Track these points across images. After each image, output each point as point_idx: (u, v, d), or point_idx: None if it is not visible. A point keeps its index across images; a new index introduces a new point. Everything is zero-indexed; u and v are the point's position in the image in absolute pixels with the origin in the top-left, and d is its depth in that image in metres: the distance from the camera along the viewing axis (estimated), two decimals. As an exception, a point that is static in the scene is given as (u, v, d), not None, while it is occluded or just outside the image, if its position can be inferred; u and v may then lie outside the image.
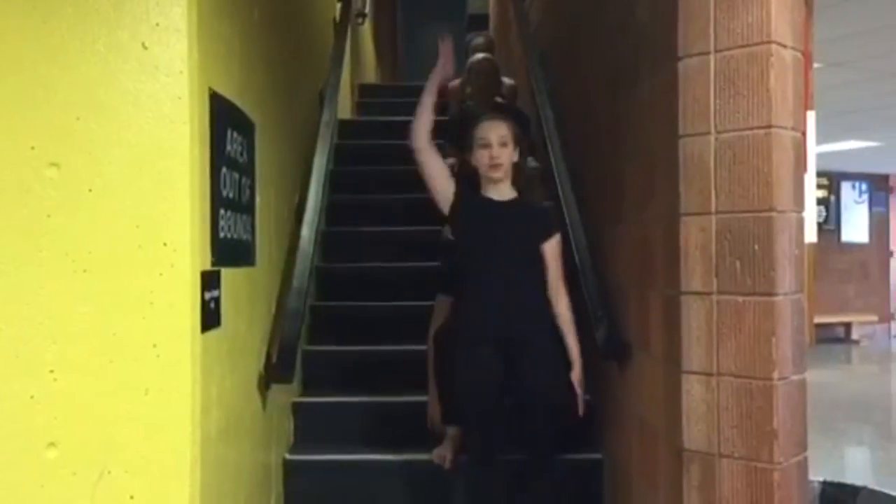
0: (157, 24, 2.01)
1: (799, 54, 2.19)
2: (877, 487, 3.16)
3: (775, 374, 2.05)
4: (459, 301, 2.89)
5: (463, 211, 2.82)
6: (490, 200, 2.82)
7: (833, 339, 12.69)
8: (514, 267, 2.75)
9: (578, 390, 2.78)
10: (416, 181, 4.31)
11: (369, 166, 5.37)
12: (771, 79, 2.08)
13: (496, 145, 2.75)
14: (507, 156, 2.77)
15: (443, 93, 3.02)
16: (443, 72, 2.98)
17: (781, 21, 2.10)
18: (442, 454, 3.26)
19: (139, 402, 2.00)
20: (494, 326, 2.74)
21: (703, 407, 2.16)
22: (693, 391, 2.18)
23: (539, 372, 2.73)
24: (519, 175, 2.90)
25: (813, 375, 2.34)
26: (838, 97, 7.88)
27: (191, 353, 2.02)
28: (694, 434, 2.18)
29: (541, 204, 3.13)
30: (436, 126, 2.93)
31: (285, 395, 3.36)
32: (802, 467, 2.16)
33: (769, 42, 2.08)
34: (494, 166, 2.75)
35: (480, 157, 2.77)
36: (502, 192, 2.82)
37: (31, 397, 1.97)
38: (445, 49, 2.96)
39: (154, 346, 2.00)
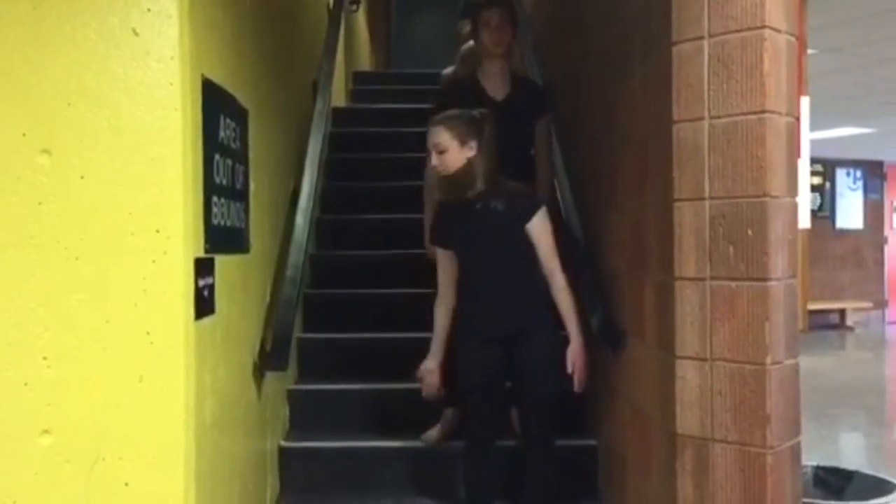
0: (149, 10, 2.00)
1: (793, 39, 2.19)
2: (870, 472, 3.17)
3: (768, 359, 2.06)
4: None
5: (444, 225, 2.83)
6: (465, 202, 2.76)
7: (828, 325, 12.74)
8: (503, 262, 2.73)
9: (571, 367, 2.72)
10: (411, 168, 4.31)
11: (364, 153, 5.37)
12: (765, 64, 2.08)
13: (434, 154, 2.74)
14: (451, 161, 2.71)
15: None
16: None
17: (775, 6, 2.10)
18: (431, 436, 3.29)
19: (133, 390, 2.00)
20: (493, 328, 2.73)
21: (697, 392, 2.17)
22: (687, 376, 2.19)
23: (539, 363, 2.73)
24: (488, 162, 2.83)
25: (807, 362, 2.34)
26: (833, 83, 7.88)
27: (184, 340, 2.02)
28: (687, 419, 2.19)
29: (519, 185, 2.94)
30: None
31: (280, 382, 3.36)
32: (795, 452, 2.17)
33: (763, 27, 2.07)
34: (438, 173, 2.77)
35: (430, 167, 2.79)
36: (474, 187, 2.76)
37: (25, 384, 1.97)
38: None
39: (147, 333, 2.00)
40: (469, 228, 2.75)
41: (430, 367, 2.84)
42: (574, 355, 2.74)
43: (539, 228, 2.74)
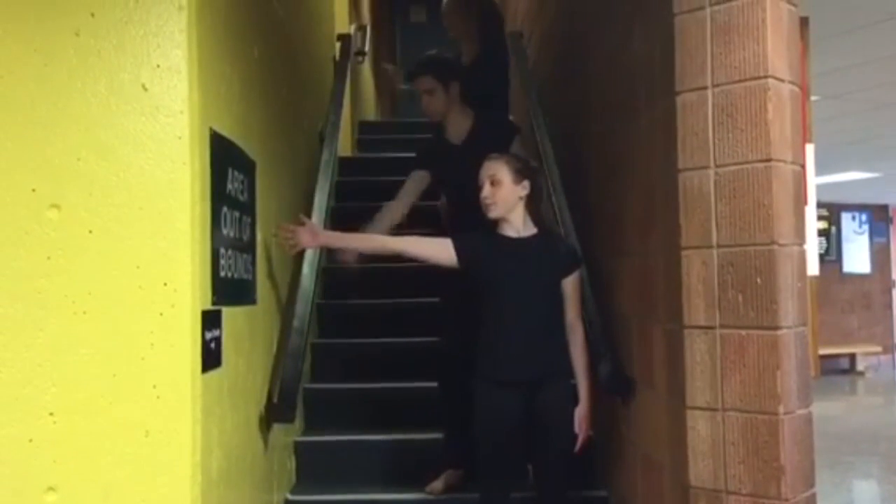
0: (158, 66, 2.03)
1: (796, 88, 2.20)
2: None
3: (781, 409, 2.03)
4: (479, 338, 2.84)
5: (476, 253, 2.77)
6: (506, 238, 2.78)
7: (838, 370, 12.63)
8: (534, 306, 2.72)
9: (577, 428, 2.75)
10: (418, 217, 4.30)
11: (370, 202, 5.37)
12: (769, 112, 2.09)
13: (486, 184, 2.75)
14: (502, 194, 2.74)
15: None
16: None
17: (778, 56, 2.12)
18: (435, 487, 3.26)
19: (139, 444, 1.98)
20: (516, 370, 2.70)
21: (709, 443, 2.14)
22: (698, 427, 2.16)
23: (556, 411, 2.71)
24: (539, 208, 2.87)
25: (818, 407, 2.32)
26: (837, 129, 7.93)
27: (191, 394, 2.01)
28: (700, 470, 2.16)
29: (563, 238, 3.12)
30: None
31: (287, 433, 3.33)
32: (811, 503, 2.13)
33: (766, 76, 2.09)
34: (486, 206, 2.76)
35: (481, 199, 2.78)
36: (517, 228, 2.78)
37: (31, 441, 1.95)
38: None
39: (154, 387, 1.99)
40: (509, 265, 2.74)
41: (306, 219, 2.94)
42: (581, 417, 2.76)
43: (574, 285, 2.81)
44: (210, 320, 2.15)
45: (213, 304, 2.19)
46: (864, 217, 14.02)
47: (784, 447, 2.02)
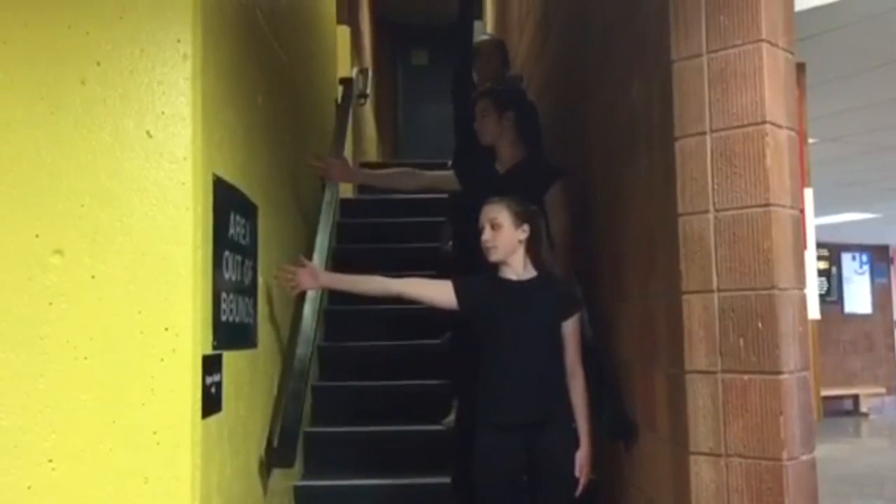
0: (163, 113, 2.05)
1: (794, 133, 2.22)
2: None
3: (784, 455, 2.02)
4: (478, 382, 2.83)
5: (476, 296, 2.78)
6: (507, 281, 2.79)
7: (842, 411, 12.54)
8: (534, 350, 2.71)
9: (578, 471, 2.72)
10: (418, 257, 4.32)
11: (371, 244, 5.40)
12: (767, 158, 2.11)
13: (487, 228, 2.77)
14: (502, 238, 2.75)
15: None
16: None
17: (775, 102, 2.14)
18: None
19: (139, 491, 1.96)
20: (516, 414, 2.68)
21: (713, 489, 2.12)
22: (702, 473, 2.15)
23: (557, 454, 2.69)
24: (539, 251, 2.87)
25: (822, 450, 2.31)
26: (835, 170, 7.97)
27: (191, 439, 2.00)
28: (704, 517, 2.14)
29: (563, 281, 3.11)
30: None
31: (287, 478, 3.30)
32: (816, 550, 2.11)
33: (764, 122, 2.12)
34: (487, 249, 2.77)
35: (482, 242, 2.79)
36: (518, 271, 2.79)
37: (29, 488, 1.93)
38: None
39: (154, 433, 1.98)
40: (509, 308, 2.73)
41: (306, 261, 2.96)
42: (582, 461, 2.74)
43: (574, 328, 2.80)
44: (211, 365, 2.15)
45: (214, 348, 2.19)
46: (864, 257, 14.05)
47: (788, 494, 2.01)
